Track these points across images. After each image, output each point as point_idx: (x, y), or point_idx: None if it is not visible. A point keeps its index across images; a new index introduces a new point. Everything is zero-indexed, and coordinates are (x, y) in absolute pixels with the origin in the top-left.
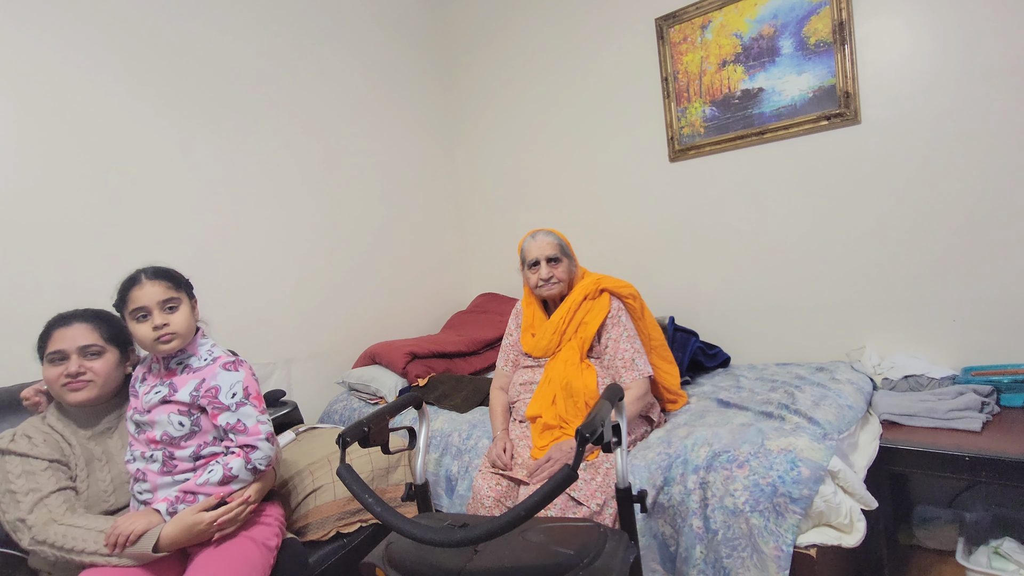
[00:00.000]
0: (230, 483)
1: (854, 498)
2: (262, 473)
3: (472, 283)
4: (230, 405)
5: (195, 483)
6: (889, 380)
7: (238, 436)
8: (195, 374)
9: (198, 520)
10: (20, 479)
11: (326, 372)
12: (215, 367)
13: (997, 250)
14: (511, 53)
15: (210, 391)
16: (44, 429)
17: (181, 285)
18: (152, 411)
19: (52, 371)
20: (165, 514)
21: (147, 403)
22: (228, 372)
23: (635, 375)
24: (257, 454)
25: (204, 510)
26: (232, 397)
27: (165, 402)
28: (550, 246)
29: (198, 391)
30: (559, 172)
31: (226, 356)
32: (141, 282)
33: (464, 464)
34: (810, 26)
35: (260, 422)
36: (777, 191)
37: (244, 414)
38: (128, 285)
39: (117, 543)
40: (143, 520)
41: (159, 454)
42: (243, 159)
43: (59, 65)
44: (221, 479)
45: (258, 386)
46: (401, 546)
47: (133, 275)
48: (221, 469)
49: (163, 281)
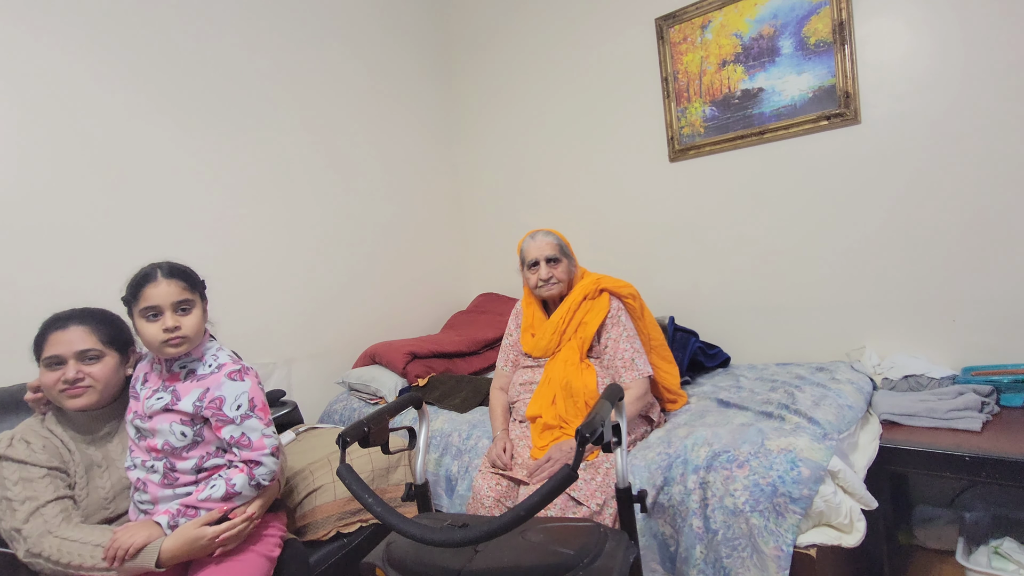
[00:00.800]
0: (233, 499)
1: (854, 498)
2: (265, 488)
3: (472, 283)
4: (235, 418)
5: (197, 498)
6: (889, 380)
7: (242, 451)
8: (199, 382)
9: (200, 535)
10: (17, 486)
11: (326, 372)
12: (220, 376)
13: (997, 250)
14: (511, 53)
15: (214, 402)
16: (43, 433)
17: (196, 286)
18: (154, 418)
19: (49, 376)
20: (166, 527)
21: (149, 408)
22: (233, 382)
23: (635, 375)
24: (261, 470)
25: (206, 524)
26: (237, 409)
27: (167, 410)
28: (549, 246)
29: (201, 401)
30: (559, 172)
31: (232, 363)
32: (156, 279)
33: (464, 464)
34: (810, 26)
35: (265, 435)
36: (777, 191)
37: (249, 427)
38: (142, 281)
39: (116, 556)
40: (143, 533)
41: (160, 465)
42: (245, 158)
43: (62, 65)
44: (224, 495)
45: (264, 396)
46: (401, 546)
47: (148, 270)
48: (224, 484)
49: (179, 280)
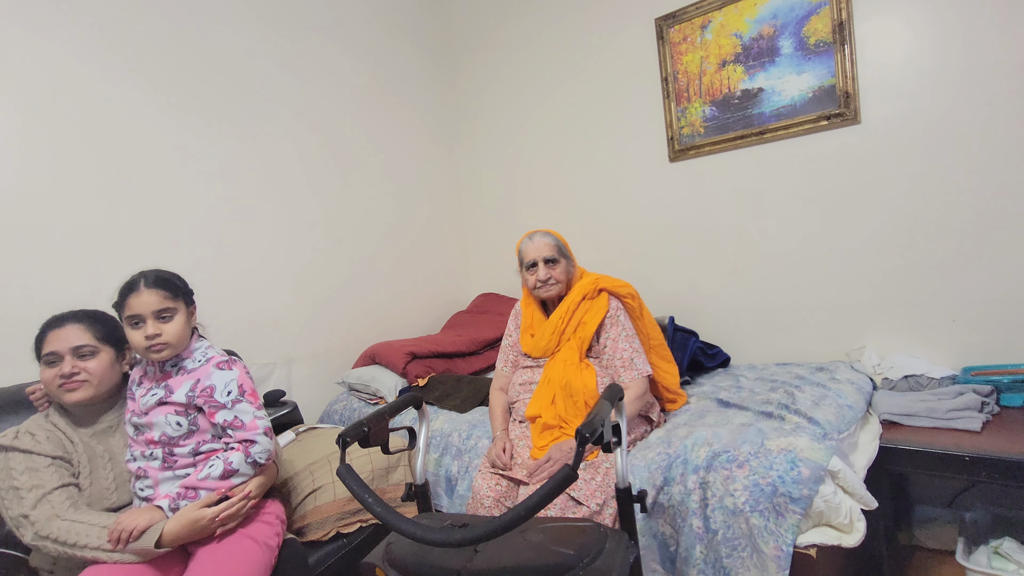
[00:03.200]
0: (231, 477)
1: (854, 498)
2: (262, 467)
3: (472, 283)
4: (226, 403)
5: (196, 478)
6: (889, 380)
7: (236, 432)
8: (189, 375)
9: (200, 516)
10: (23, 475)
11: (326, 372)
12: (208, 367)
13: (997, 250)
14: (511, 53)
15: (205, 390)
16: (47, 426)
17: (179, 294)
18: (149, 413)
19: (48, 372)
20: (167, 510)
21: (144, 405)
22: (222, 371)
23: (633, 374)
24: (256, 448)
25: (206, 506)
26: (228, 395)
27: (162, 404)
28: (547, 247)
29: (193, 391)
30: (559, 172)
31: (219, 356)
32: (139, 289)
33: (464, 464)
34: (810, 26)
35: (257, 417)
36: (777, 191)
37: (240, 410)
38: (126, 291)
39: (120, 539)
40: (145, 516)
41: (159, 451)
42: (246, 157)
43: (62, 65)
44: (222, 473)
45: (253, 383)
46: (401, 546)
47: (133, 280)
48: (221, 463)
49: (160, 290)
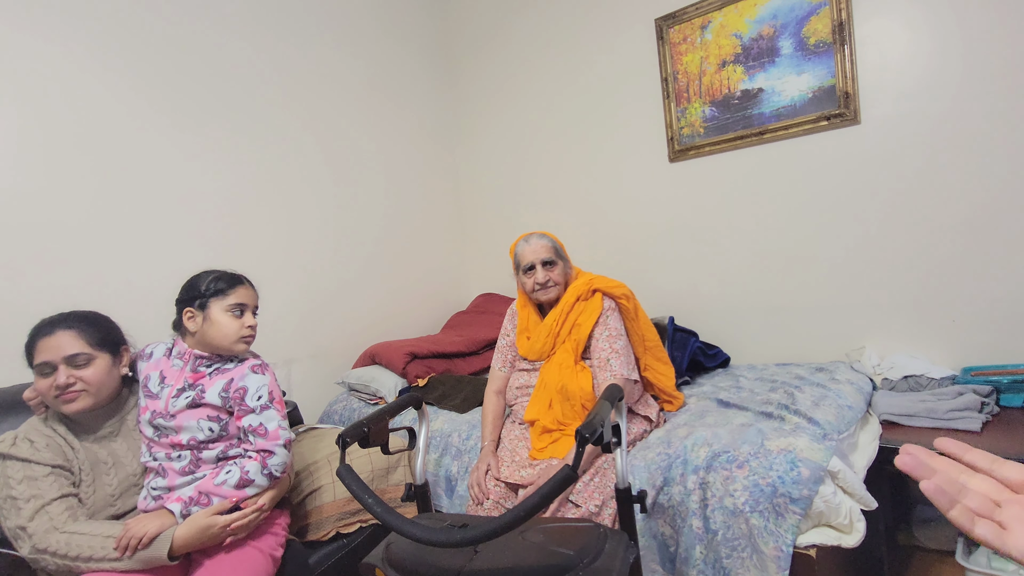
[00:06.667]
0: (246, 487)
1: (854, 498)
2: (277, 480)
3: (472, 283)
4: (255, 408)
5: (212, 483)
6: (889, 380)
7: (258, 439)
8: (223, 375)
9: (212, 523)
10: (21, 485)
11: (326, 372)
12: (244, 368)
13: (997, 250)
14: (511, 53)
15: (239, 391)
16: (47, 432)
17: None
18: (178, 416)
19: (43, 383)
20: (179, 516)
21: (173, 407)
22: (256, 375)
23: (607, 375)
24: (274, 459)
25: (217, 513)
26: (258, 399)
27: (194, 406)
28: (545, 249)
29: (227, 392)
30: (559, 172)
31: (254, 359)
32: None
33: (464, 464)
34: (810, 26)
35: (281, 427)
36: (777, 191)
37: (267, 417)
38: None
39: (129, 545)
40: (156, 522)
41: (187, 454)
42: (244, 158)
43: (61, 65)
44: (238, 482)
45: (280, 393)
46: (401, 546)
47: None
48: (238, 471)
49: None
